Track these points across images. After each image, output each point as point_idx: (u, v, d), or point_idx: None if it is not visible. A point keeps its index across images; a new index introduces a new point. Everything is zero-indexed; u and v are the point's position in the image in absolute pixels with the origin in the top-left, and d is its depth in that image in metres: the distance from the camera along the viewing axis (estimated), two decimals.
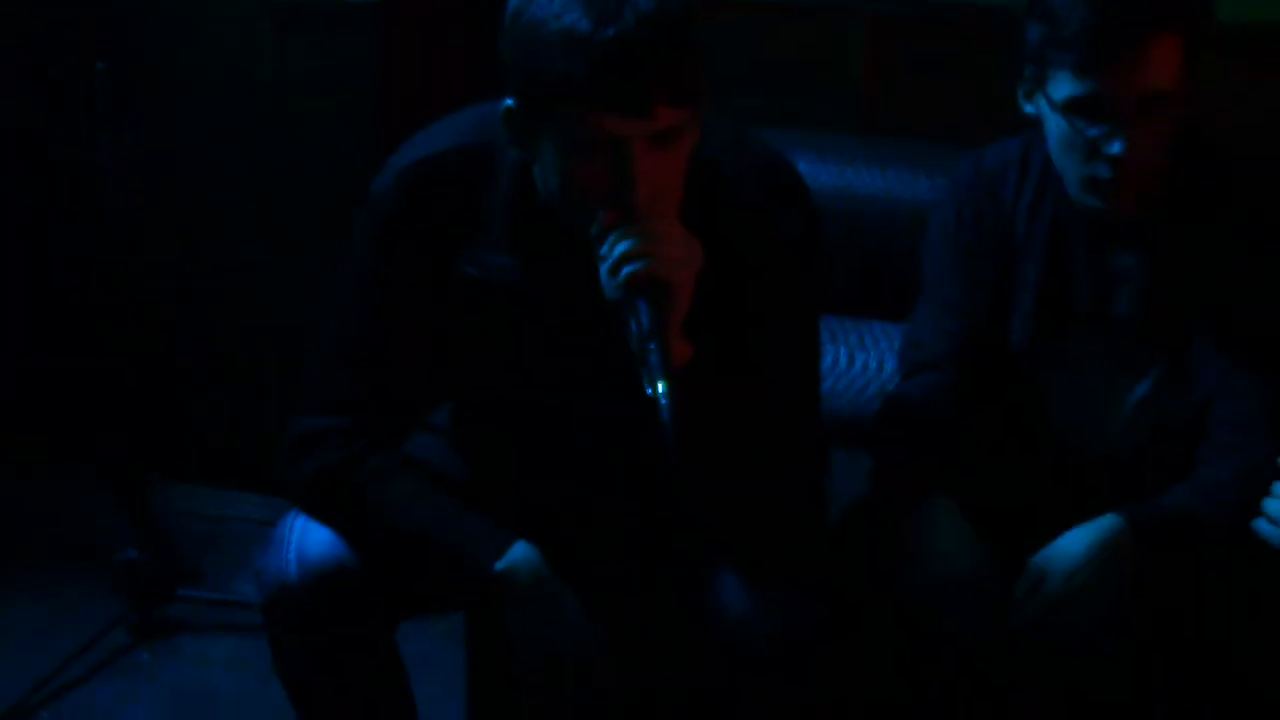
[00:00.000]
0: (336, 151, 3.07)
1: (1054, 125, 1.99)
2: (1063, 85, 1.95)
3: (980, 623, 1.94)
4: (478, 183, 1.89)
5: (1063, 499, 2.06)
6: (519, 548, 1.86)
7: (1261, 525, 1.85)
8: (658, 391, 1.70)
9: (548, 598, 1.86)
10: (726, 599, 1.87)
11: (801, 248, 1.90)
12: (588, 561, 1.95)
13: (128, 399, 3.09)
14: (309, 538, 1.89)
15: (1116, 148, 1.94)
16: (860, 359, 2.54)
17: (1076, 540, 1.95)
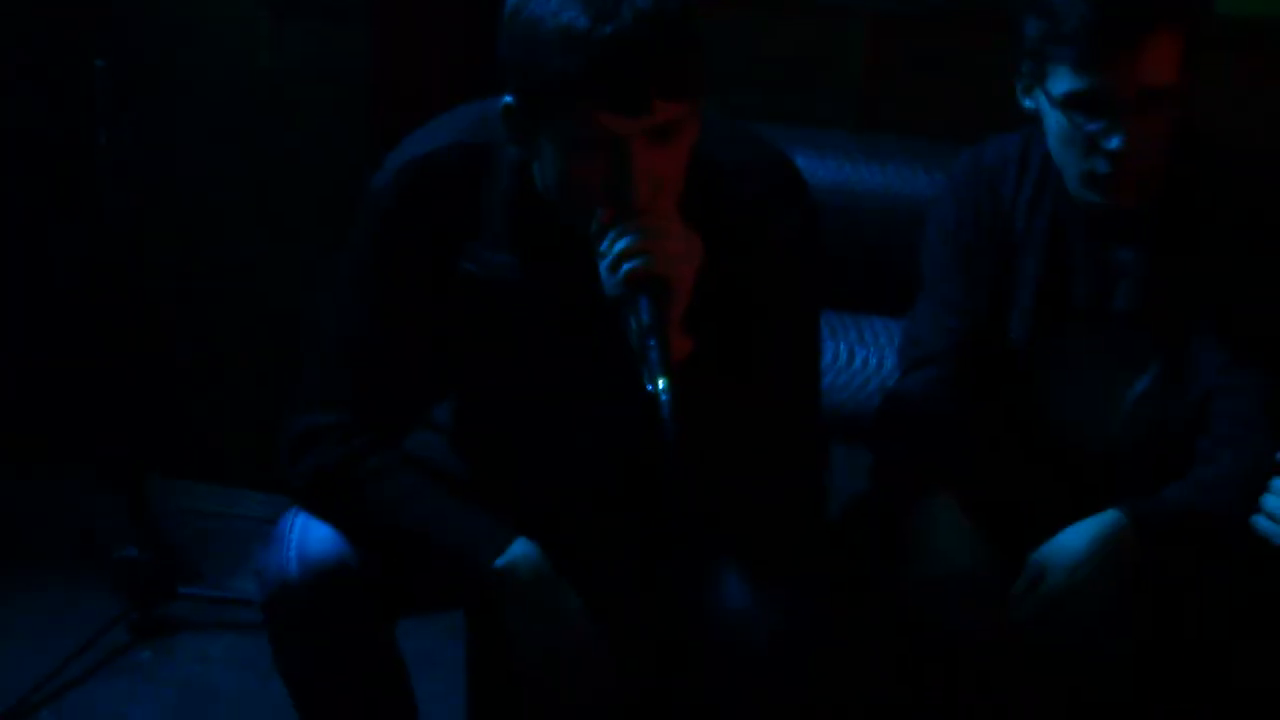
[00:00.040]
0: (335, 147, 3.06)
1: (1053, 120, 1.99)
2: (1062, 80, 1.94)
3: (980, 619, 1.94)
4: (477, 179, 1.88)
5: (1062, 495, 2.06)
6: (519, 545, 1.86)
7: (1260, 522, 1.85)
8: (658, 388, 1.69)
9: (548, 595, 1.86)
10: (726, 596, 1.86)
11: (801, 244, 1.90)
12: (587, 560, 1.95)
13: (127, 397, 3.09)
14: (310, 535, 1.89)
15: (1116, 143, 1.94)
16: (860, 355, 2.54)
17: (1077, 536, 1.94)
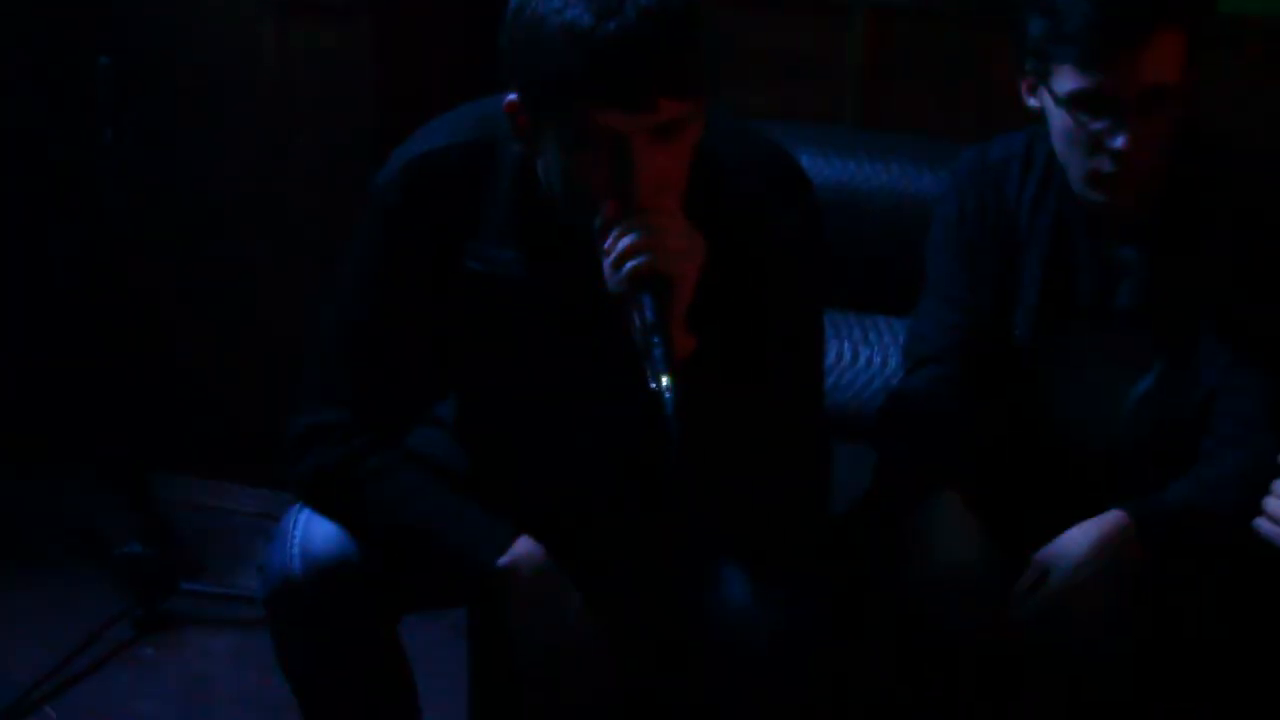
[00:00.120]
0: (337, 146, 3.06)
1: (1057, 120, 1.99)
2: (1065, 80, 1.94)
3: (982, 618, 1.94)
4: (480, 177, 1.88)
5: (1065, 494, 2.06)
6: (521, 543, 1.86)
7: (1262, 524, 1.85)
8: (660, 385, 1.69)
9: (550, 593, 1.86)
10: (728, 594, 1.86)
11: (804, 241, 1.89)
12: (589, 558, 1.95)
13: (129, 394, 3.09)
14: (313, 532, 1.89)
15: (1120, 142, 1.93)
16: (864, 354, 2.54)
17: (1080, 536, 1.94)
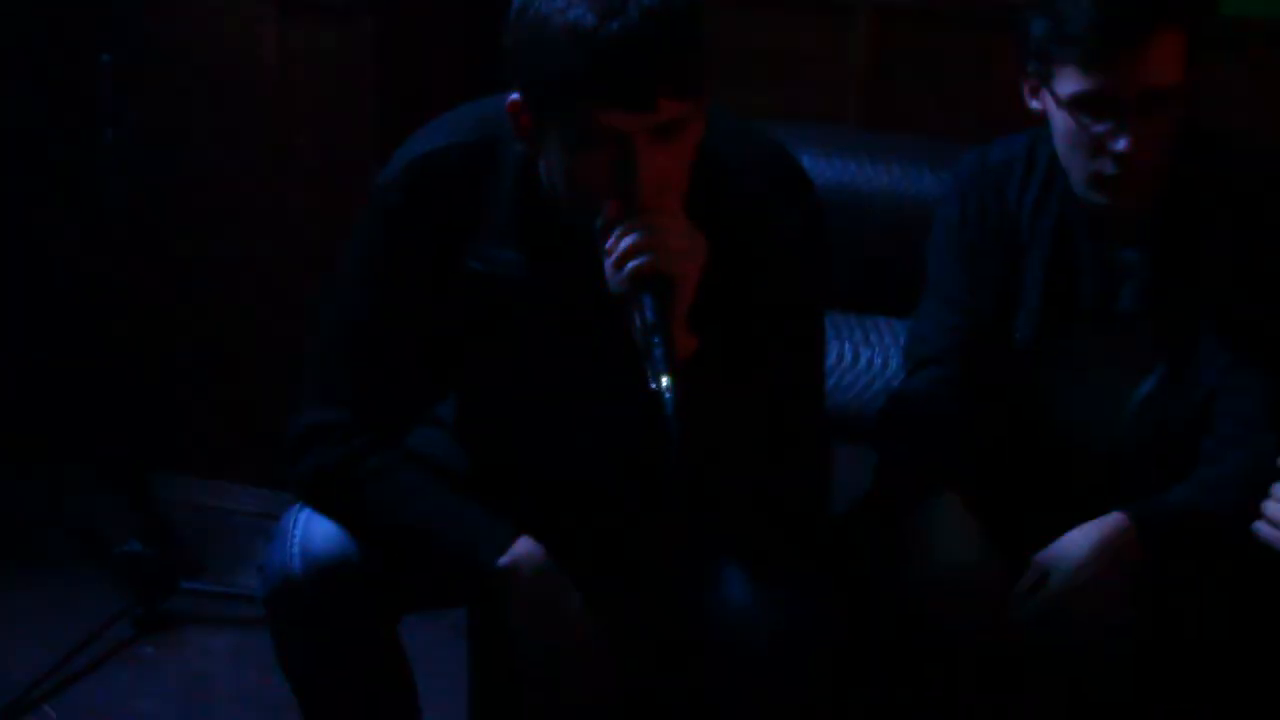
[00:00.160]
0: (338, 145, 3.06)
1: (1059, 122, 1.99)
2: (1068, 81, 1.94)
3: (982, 619, 1.94)
4: (482, 177, 1.88)
5: (1066, 495, 2.06)
6: (522, 543, 1.86)
7: (1261, 528, 1.85)
8: (661, 386, 1.69)
9: (550, 593, 1.86)
10: (728, 594, 1.86)
11: (805, 242, 1.89)
12: (589, 558, 1.95)
13: (128, 394, 3.09)
14: (313, 531, 1.89)
15: (1122, 144, 1.93)
16: (865, 355, 2.54)
17: (1080, 538, 1.94)
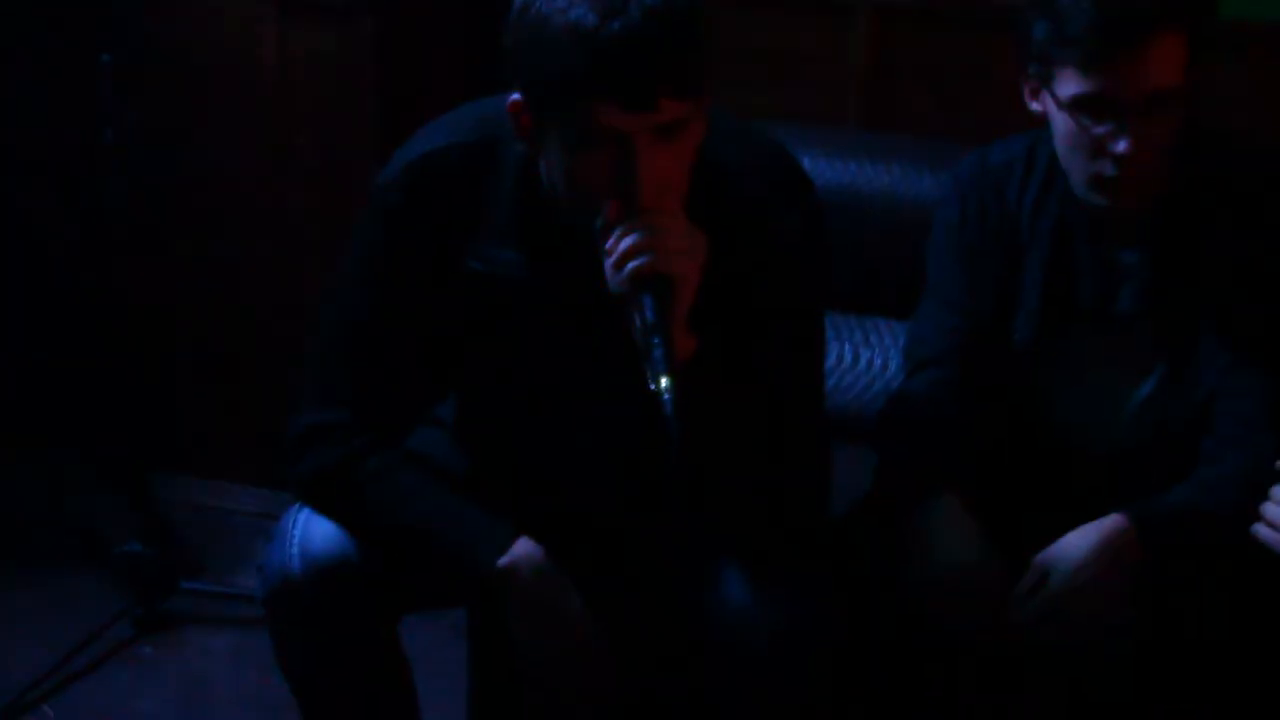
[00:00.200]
0: (338, 145, 3.07)
1: (1060, 123, 1.99)
2: (1068, 83, 1.94)
3: (982, 619, 1.94)
4: (482, 177, 1.88)
5: (1066, 497, 2.06)
6: (521, 544, 1.86)
7: (1261, 530, 1.85)
8: (661, 386, 1.69)
9: (549, 595, 1.86)
10: (728, 595, 1.86)
11: (805, 243, 1.89)
12: (589, 559, 1.95)
13: (128, 394, 3.09)
14: (312, 531, 1.89)
15: (1122, 146, 1.93)
16: (865, 356, 2.54)
17: (1080, 539, 1.94)
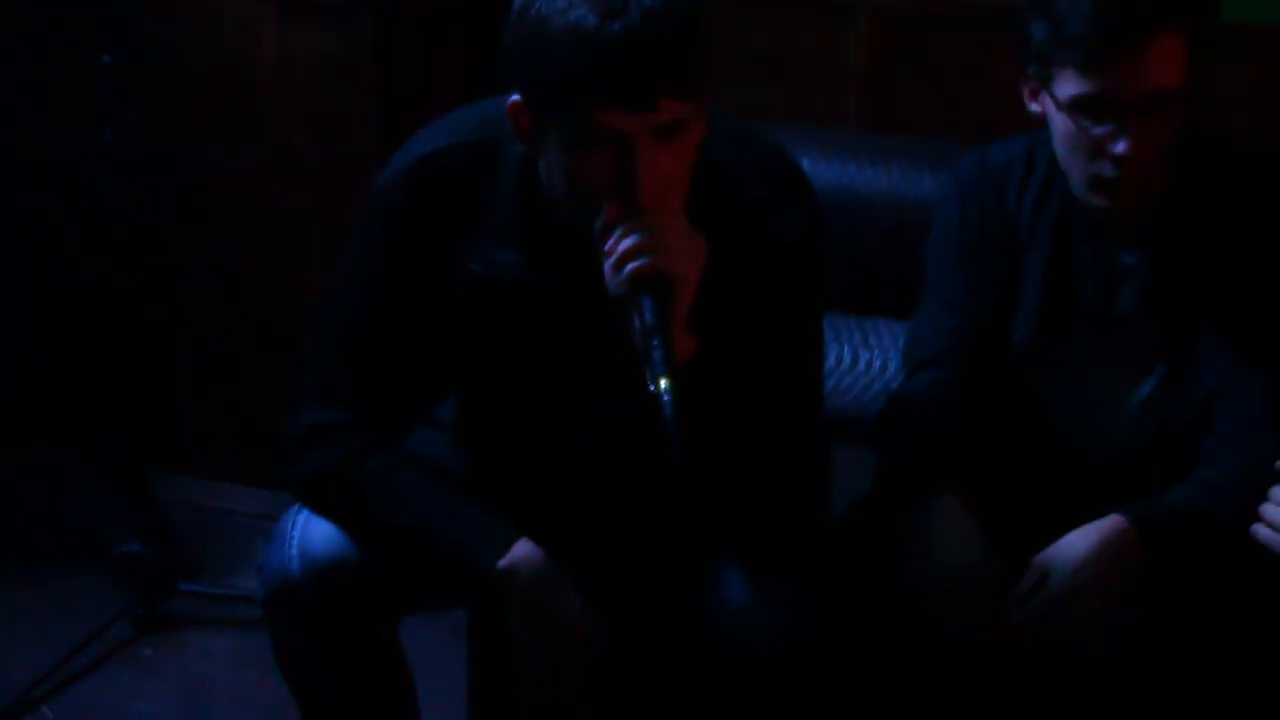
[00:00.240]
0: (338, 146, 3.06)
1: (1059, 124, 1.99)
2: (1067, 84, 1.94)
3: (981, 619, 1.94)
4: (482, 179, 1.88)
5: (1066, 497, 2.06)
6: (521, 544, 1.86)
7: (1260, 530, 1.85)
8: (660, 387, 1.69)
9: (549, 594, 1.86)
10: (728, 595, 1.86)
11: (804, 244, 1.89)
12: (588, 559, 1.95)
13: (128, 394, 3.09)
14: (312, 532, 1.89)
15: (1122, 147, 1.93)
16: (864, 357, 2.54)
17: (1080, 539, 1.94)
